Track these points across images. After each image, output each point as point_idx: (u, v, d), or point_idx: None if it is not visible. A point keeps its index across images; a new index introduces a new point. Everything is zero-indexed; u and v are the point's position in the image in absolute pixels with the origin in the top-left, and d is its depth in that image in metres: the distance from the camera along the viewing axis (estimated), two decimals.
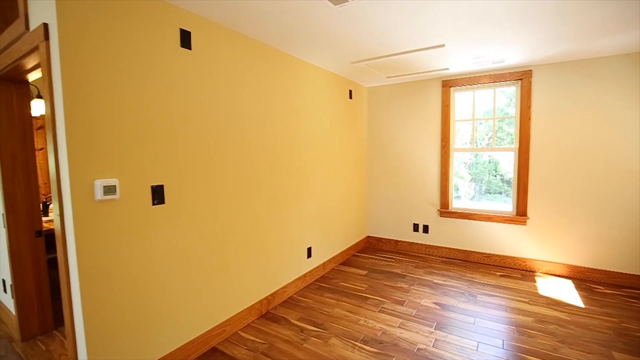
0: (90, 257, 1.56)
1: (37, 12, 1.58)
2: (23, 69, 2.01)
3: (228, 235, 2.33)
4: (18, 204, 2.36)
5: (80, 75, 1.51)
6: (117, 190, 1.61)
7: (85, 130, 1.53)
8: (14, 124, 2.34)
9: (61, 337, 2.43)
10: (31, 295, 2.42)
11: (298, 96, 3.02)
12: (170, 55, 1.90)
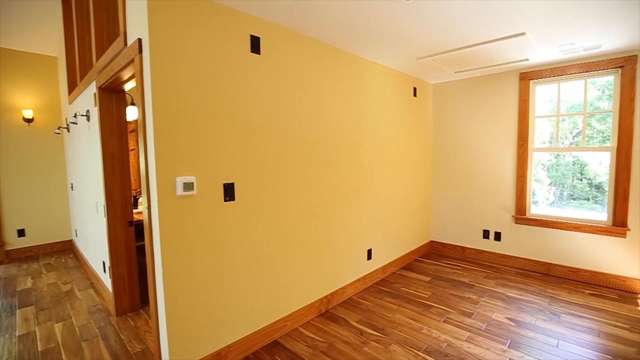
0: (171, 246, 1.73)
1: (133, 30, 1.80)
2: (121, 80, 2.32)
3: (292, 232, 2.39)
4: (115, 197, 2.72)
5: (166, 82, 1.68)
6: (195, 187, 1.76)
7: (169, 133, 1.70)
8: (113, 128, 2.70)
9: (146, 315, 2.74)
10: (123, 277, 2.78)
11: (360, 95, 2.99)
12: (242, 61, 2.01)
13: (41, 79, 4.59)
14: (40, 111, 4.60)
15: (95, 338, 2.41)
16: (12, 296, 3.22)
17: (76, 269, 3.96)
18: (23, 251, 4.58)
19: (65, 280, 3.60)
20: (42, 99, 4.62)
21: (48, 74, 4.64)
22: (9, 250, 4.46)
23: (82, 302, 3.03)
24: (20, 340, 2.43)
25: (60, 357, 2.19)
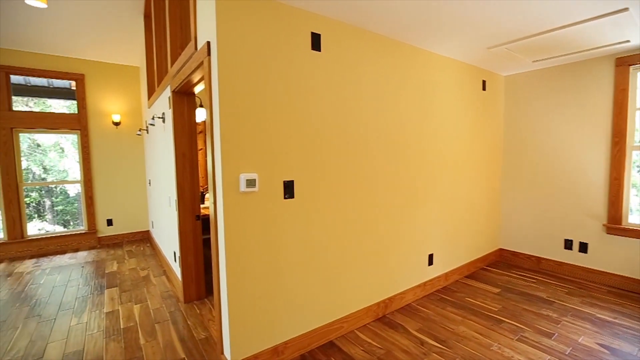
0: (234, 240, 1.79)
1: (203, 34, 1.91)
2: (192, 83, 2.48)
3: (349, 232, 2.34)
4: (185, 192, 2.94)
5: (231, 83, 1.74)
6: (257, 183, 1.81)
7: (234, 132, 1.76)
8: (185, 129, 2.92)
9: (210, 305, 2.91)
10: (191, 267, 2.98)
11: (424, 91, 2.82)
12: (302, 59, 2.01)
13: (127, 86, 5.18)
14: (126, 115, 5.19)
15: (166, 322, 2.62)
16: (101, 277, 3.67)
17: (152, 257, 4.38)
18: (111, 238, 5.21)
19: (143, 267, 4.00)
20: (127, 104, 5.21)
21: (132, 82, 5.22)
22: (100, 237, 5.12)
23: (156, 288, 3.33)
24: (107, 316, 2.74)
25: (137, 336, 2.42)
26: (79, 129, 4.89)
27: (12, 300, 3.11)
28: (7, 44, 4.30)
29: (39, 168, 7.73)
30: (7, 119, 4.41)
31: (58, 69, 4.68)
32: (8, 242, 4.49)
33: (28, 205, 7.63)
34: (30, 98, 5.76)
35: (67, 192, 7.86)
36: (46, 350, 2.27)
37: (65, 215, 8.35)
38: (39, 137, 7.11)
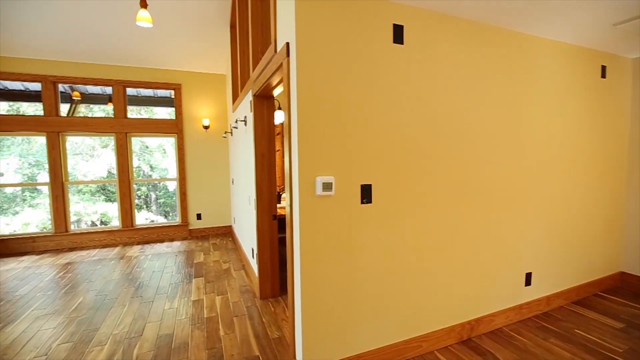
0: (309, 243, 1.75)
1: (282, 36, 1.91)
2: (271, 86, 2.54)
3: (431, 243, 2.12)
4: (263, 192, 3.04)
5: (309, 84, 1.70)
6: (333, 187, 1.73)
7: (311, 134, 1.71)
8: (264, 131, 3.01)
9: (284, 303, 2.96)
10: (267, 265, 3.07)
11: (523, 82, 2.42)
12: (383, 53, 1.88)
13: (215, 93, 5.67)
14: (214, 119, 5.68)
15: (243, 316, 2.74)
16: (190, 267, 4.06)
17: (233, 251, 4.70)
18: (199, 231, 5.76)
19: (225, 260, 4.30)
20: (215, 109, 5.70)
21: (219, 89, 5.69)
22: (191, 229, 5.70)
23: (236, 281, 3.53)
24: (193, 304, 2.98)
25: (218, 327, 2.57)
26: (176, 132, 5.51)
27: (122, 281, 3.61)
28: (121, 61, 5.06)
29: (147, 166, 9.01)
30: (123, 125, 5.19)
31: (161, 81, 5.35)
32: (122, 230, 5.30)
33: (139, 198, 8.96)
34: (141, 107, 6.71)
35: (167, 187, 9.00)
36: (145, 329, 2.55)
37: (166, 207, 9.56)
38: (147, 140, 8.26)
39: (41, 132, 4.86)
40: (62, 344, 2.37)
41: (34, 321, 2.72)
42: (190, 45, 4.88)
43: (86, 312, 2.86)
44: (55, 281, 3.64)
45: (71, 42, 4.53)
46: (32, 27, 4.20)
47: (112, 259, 4.42)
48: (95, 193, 7.63)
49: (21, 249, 4.85)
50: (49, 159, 4.93)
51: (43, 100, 4.86)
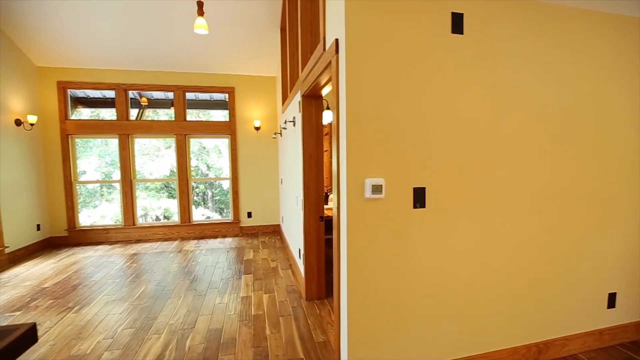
0: (356, 247, 1.67)
1: (331, 33, 1.85)
2: (319, 86, 2.50)
3: (494, 254, 1.91)
4: (311, 192, 3.02)
5: (359, 80, 1.62)
6: (383, 189, 1.63)
7: (360, 133, 1.63)
8: (312, 131, 2.99)
9: (329, 306, 2.91)
10: (313, 266, 3.05)
11: (610, 70, 2.08)
12: (441, 46, 1.73)
13: (265, 95, 5.83)
14: (265, 121, 5.85)
15: (289, 317, 2.74)
16: (240, 263, 4.20)
17: (281, 250, 4.77)
18: (249, 229, 5.97)
19: (273, 258, 4.38)
20: (266, 110, 5.85)
21: (270, 91, 5.84)
22: (242, 227, 5.93)
23: (283, 280, 3.56)
24: (242, 301, 3.06)
25: (264, 325, 2.60)
26: (229, 133, 5.77)
27: (179, 273, 3.85)
28: (181, 68, 5.42)
29: (205, 166, 9.61)
30: (182, 127, 5.57)
31: (216, 85, 5.63)
32: (180, 225, 5.68)
33: (197, 195, 9.59)
34: (200, 110, 7.14)
35: (222, 185, 9.51)
36: (197, 321, 2.67)
37: (221, 205, 10.11)
38: (204, 141, 8.80)
39: (114, 134, 5.40)
40: (126, 329, 2.57)
41: (104, 305, 3.00)
42: (243, 50, 5.07)
43: (147, 301, 3.08)
44: (123, 270, 4.00)
45: (140, 53, 4.96)
46: (107, 41, 4.67)
47: (171, 252, 4.75)
48: (160, 190, 8.34)
49: (97, 239, 5.44)
50: (120, 158, 5.46)
51: (116, 106, 5.39)
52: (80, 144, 5.83)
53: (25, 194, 4.75)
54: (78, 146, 5.53)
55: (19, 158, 4.66)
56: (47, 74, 5.12)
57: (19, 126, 4.65)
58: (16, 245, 4.52)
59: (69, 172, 5.30)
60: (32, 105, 4.96)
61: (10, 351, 0.87)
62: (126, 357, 2.21)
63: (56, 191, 5.28)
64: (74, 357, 2.23)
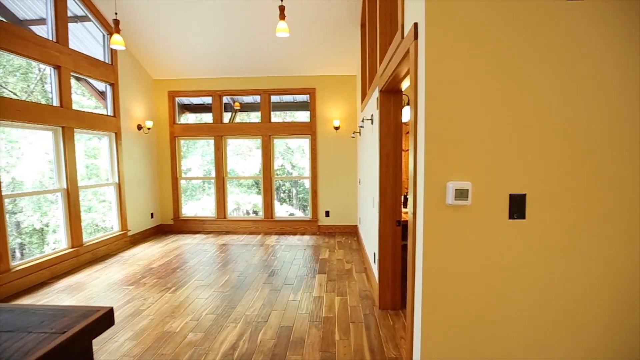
0: (434, 259, 1.45)
1: (410, 17, 1.65)
2: (398, 79, 2.30)
3: (618, 279, 1.46)
4: (387, 195, 2.83)
5: (441, 68, 1.39)
6: (469, 195, 1.37)
7: (442, 129, 1.41)
8: (390, 129, 2.80)
9: (404, 319, 2.68)
10: (388, 272, 2.85)
11: None
12: (550, 17, 1.37)
13: (345, 94, 5.78)
14: (344, 120, 5.80)
15: (360, 324, 2.60)
16: (315, 262, 4.22)
17: (356, 252, 4.66)
18: (327, 228, 6.01)
19: (348, 260, 4.29)
20: (345, 110, 5.80)
21: (349, 90, 5.76)
22: (319, 225, 6.00)
23: (356, 284, 3.44)
24: (314, 301, 3.05)
25: (333, 329, 2.52)
26: (310, 134, 5.89)
27: (259, 266, 4.07)
28: (267, 72, 5.73)
29: (289, 165, 10.09)
30: (267, 128, 5.90)
31: (298, 87, 5.81)
32: (264, 220, 6.04)
33: (283, 192, 10.12)
34: (285, 112, 7.49)
35: (304, 184, 9.85)
36: (270, 316, 2.75)
37: (304, 202, 10.49)
38: (289, 141, 9.22)
39: (211, 136, 6.03)
40: (209, 314, 2.79)
41: (194, 289, 3.34)
42: (324, 50, 5.10)
43: (229, 290, 3.31)
44: (212, 258, 4.42)
45: (231, 61, 5.42)
46: (205, 54, 5.23)
47: (254, 245, 5.07)
48: (251, 187, 9.08)
49: (196, 229, 6.16)
50: (215, 157, 6.08)
51: (212, 110, 6.01)
52: (189, 144, 6.70)
53: (142, 187, 5.65)
54: (187, 146, 6.36)
55: (139, 157, 5.57)
56: (161, 85, 6.00)
57: (140, 130, 5.56)
58: (135, 230, 5.41)
59: (175, 169, 6.13)
60: (149, 112, 5.86)
61: (89, 331, 0.95)
62: (206, 340, 2.38)
63: (165, 185, 6.16)
64: (165, 332, 2.50)
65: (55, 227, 4.71)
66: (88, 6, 4.47)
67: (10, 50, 3.40)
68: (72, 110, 4.11)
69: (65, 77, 4.04)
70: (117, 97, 4.99)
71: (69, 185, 4.08)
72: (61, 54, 3.96)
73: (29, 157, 5.74)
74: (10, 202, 5.79)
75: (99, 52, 4.83)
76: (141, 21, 4.69)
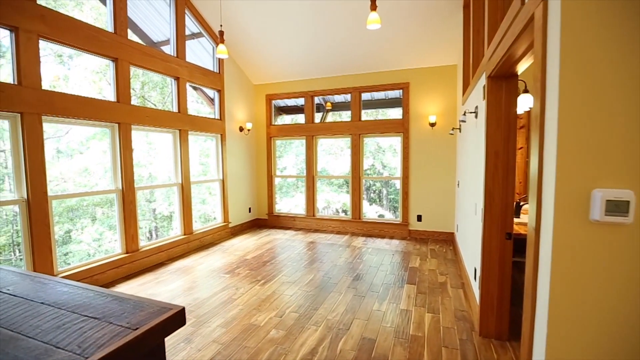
0: (567, 291, 1.07)
1: None
2: (512, 59, 1.86)
3: None
4: (495, 201, 2.36)
5: (585, 38, 1.01)
6: (630, 209, 0.95)
7: (584, 120, 1.02)
8: (500, 122, 2.33)
9: (512, 354, 2.19)
10: (492, 294, 2.39)
11: None
12: None
13: (443, 87, 5.21)
14: (441, 115, 5.25)
15: (455, 350, 2.23)
16: (404, 270, 3.89)
17: (452, 263, 4.14)
18: (418, 233, 5.55)
19: (442, 271, 3.83)
20: (442, 104, 5.24)
21: (448, 81, 5.18)
22: (410, 230, 5.58)
23: (451, 301, 3.01)
24: (401, 314, 2.77)
25: (422, 351, 2.21)
26: (402, 131, 5.52)
27: (344, 268, 3.96)
28: (357, 70, 5.57)
29: (380, 164, 9.81)
30: (357, 127, 5.76)
31: (390, 82, 5.50)
32: (351, 220, 5.93)
33: (373, 192, 9.93)
34: (377, 109, 7.27)
35: (395, 185, 9.45)
36: (352, 324, 2.59)
37: (395, 204, 10.07)
38: (380, 140, 8.94)
39: (303, 136, 6.21)
40: (292, 312, 2.79)
41: (280, 285, 3.42)
42: (419, 41, 4.69)
43: (313, 290, 3.29)
44: (300, 255, 4.51)
45: (323, 62, 5.46)
46: (297, 57, 5.39)
47: (340, 246, 5.00)
48: (341, 186, 9.13)
49: (287, 225, 6.44)
50: (306, 157, 6.24)
51: (305, 111, 6.18)
52: (285, 144, 7.08)
53: (242, 183, 6.17)
54: (284, 146, 6.74)
55: (240, 156, 6.09)
56: (260, 90, 6.45)
57: (241, 132, 6.07)
58: (235, 222, 5.94)
59: (270, 167, 6.52)
60: (249, 115, 6.36)
61: (160, 330, 0.94)
62: (287, 340, 2.37)
63: (261, 182, 6.61)
64: (251, 325, 2.59)
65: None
66: (202, 23, 5.06)
67: (147, 67, 4.06)
68: (187, 115, 4.71)
69: (182, 86, 4.66)
70: (223, 102, 5.55)
71: (183, 181, 4.69)
72: (179, 67, 4.57)
73: (161, 156, 6.83)
74: (149, 192, 7.02)
75: (209, 62, 5.44)
76: (243, 33, 5.09)
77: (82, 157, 6.37)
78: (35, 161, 2.90)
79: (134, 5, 4.39)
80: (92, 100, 3.40)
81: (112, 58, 3.64)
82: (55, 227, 6.40)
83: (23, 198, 2.87)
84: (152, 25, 4.87)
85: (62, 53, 6.22)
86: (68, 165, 6.32)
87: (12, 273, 1.23)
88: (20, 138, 2.83)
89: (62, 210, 6.68)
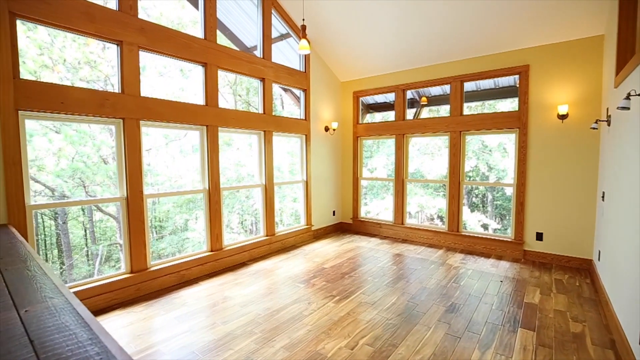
0: None
1: None
2: None
3: None
4: None
5: None
6: None
7: None
8: None
9: None
10: None
11: None
12: None
13: (579, 67, 3.95)
14: (575, 105, 4.01)
15: None
16: (517, 306, 3.01)
17: (591, 304, 3.04)
18: (538, 255, 4.38)
19: (576, 316, 2.82)
20: (578, 90, 3.98)
21: (587, 59, 3.89)
22: (526, 251, 4.46)
23: None
24: None
25: None
26: (517, 126, 4.44)
27: (435, 293, 3.29)
28: (460, 56, 4.70)
29: (485, 166, 8.43)
30: (457, 123, 4.89)
31: (503, 67, 4.47)
32: (447, 232, 5.09)
33: (475, 197, 8.64)
34: (484, 101, 6.19)
35: (503, 189, 8.02)
36: None
37: (502, 210, 8.58)
38: (486, 138, 7.64)
39: (392, 135, 5.63)
40: (365, 346, 2.35)
41: (357, 305, 3.00)
42: (544, 10, 3.62)
43: (395, 318, 2.76)
44: (383, 270, 3.99)
45: (415, 50, 4.79)
46: (387, 47, 4.84)
47: (433, 262, 4.28)
48: (437, 189, 8.15)
49: (372, 231, 5.96)
50: (395, 157, 5.64)
51: (395, 107, 5.58)
52: (377, 144, 6.61)
53: (327, 185, 5.95)
54: (376, 145, 6.29)
55: (325, 156, 5.88)
56: (347, 87, 6.12)
57: (327, 132, 5.85)
58: (318, 225, 5.75)
59: (356, 169, 6.14)
60: (335, 114, 6.10)
61: None
62: None
63: (347, 185, 6.28)
64: (317, 353, 2.25)
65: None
66: (288, 22, 4.99)
67: (233, 70, 4.16)
68: (271, 116, 4.69)
69: (268, 87, 4.65)
70: (308, 102, 5.41)
71: (267, 182, 4.68)
72: (265, 67, 4.57)
73: (252, 157, 7.12)
74: (246, 191, 7.45)
75: (297, 62, 5.35)
76: (328, 27, 4.82)
77: (195, 157, 7.13)
78: (134, 162, 3.16)
79: (226, 10, 4.56)
80: (183, 105, 3.58)
81: (202, 63, 3.80)
82: (177, 217, 7.19)
83: (124, 196, 3.15)
84: (244, 30, 5.02)
85: (183, 68, 7.10)
86: (185, 164, 7.17)
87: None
88: (122, 141, 3.11)
89: (182, 202, 7.64)
